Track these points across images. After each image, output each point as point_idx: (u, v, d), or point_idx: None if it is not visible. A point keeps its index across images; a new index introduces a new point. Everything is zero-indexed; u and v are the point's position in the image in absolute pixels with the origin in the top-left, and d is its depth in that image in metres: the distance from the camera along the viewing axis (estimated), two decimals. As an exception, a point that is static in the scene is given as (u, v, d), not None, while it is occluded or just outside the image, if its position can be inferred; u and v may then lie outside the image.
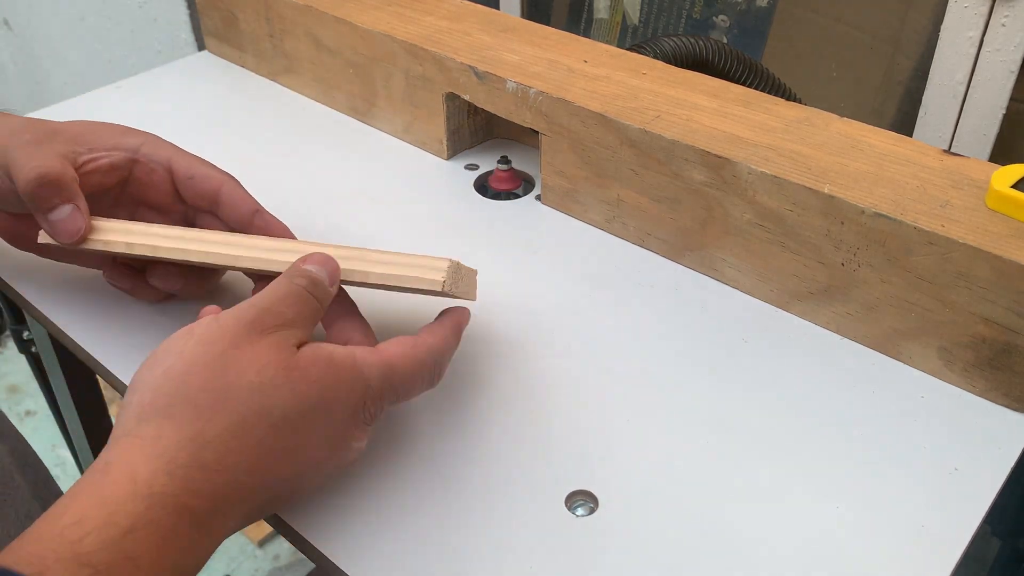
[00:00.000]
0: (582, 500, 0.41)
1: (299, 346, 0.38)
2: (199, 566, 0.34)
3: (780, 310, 0.52)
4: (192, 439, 0.34)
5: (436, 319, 0.44)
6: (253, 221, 0.49)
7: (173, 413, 0.35)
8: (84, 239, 0.46)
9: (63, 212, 0.46)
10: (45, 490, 0.54)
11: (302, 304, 0.40)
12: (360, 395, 0.38)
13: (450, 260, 0.43)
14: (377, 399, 0.39)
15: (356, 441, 0.39)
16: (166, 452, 0.33)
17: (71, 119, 0.74)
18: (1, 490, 0.45)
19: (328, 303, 0.42)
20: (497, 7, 0.87)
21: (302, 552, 0.41)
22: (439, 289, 0.43)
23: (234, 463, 0.34)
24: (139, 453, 0.33)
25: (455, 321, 0.44)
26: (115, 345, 0.50)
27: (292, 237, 0.49)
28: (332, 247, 0.44)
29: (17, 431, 0.55)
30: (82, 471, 0.97)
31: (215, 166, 0.50)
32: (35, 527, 0.31)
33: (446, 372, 0.43)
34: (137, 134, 0.51)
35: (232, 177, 0.50)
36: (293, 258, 0.43)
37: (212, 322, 0.38)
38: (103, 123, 0.51)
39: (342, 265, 0.43)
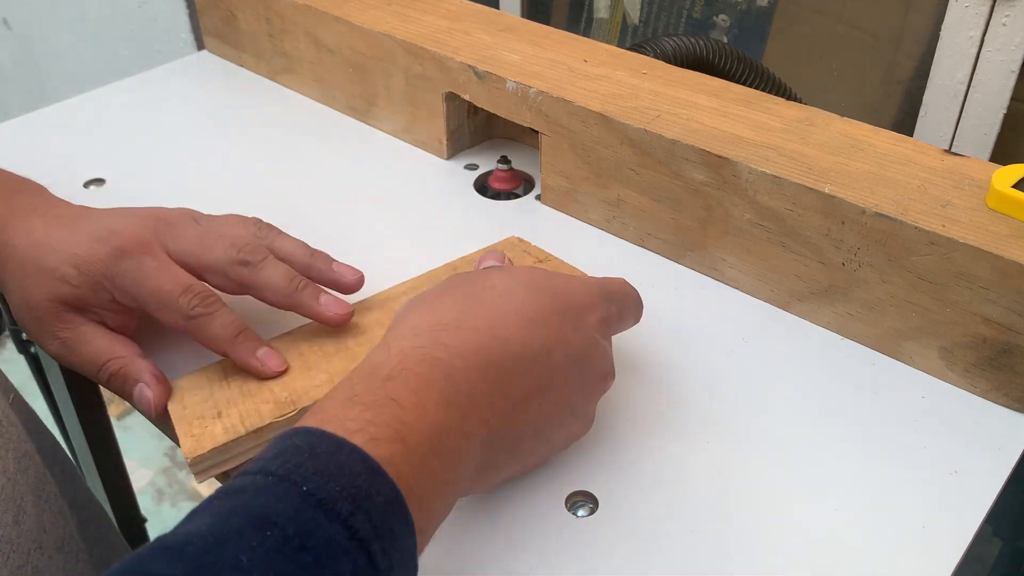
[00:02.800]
0: (582, 500, 0.41)
1: None
2: (465, 428, 0.35)
3: (780, 310, 0.52)
4: (432, 312, 0.39)
5: None
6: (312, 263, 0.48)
7: (417, 307, 0.40)
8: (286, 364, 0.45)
9: (264, 351, 0.44)
10: (72, 486, 0.54)
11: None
12: (603, 315, 0.42)
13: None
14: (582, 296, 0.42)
15: (590, 313, 0.41)
16: (415, 329, 0.38)
17: (71, 119, 0.74)
18: (37, 486, 0.45)
19: None
20: (497, 7, 0.87)
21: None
22: None
23: (472, 325, 0.38)
24: (391, 334, 0.39)
25: None
26: (114, 345, 0.50)
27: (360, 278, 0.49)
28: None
29: (47, 429, 0.55)
30: (81, 471, 0.97)
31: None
32: None
33: None
34: (153, 223, 0.47)
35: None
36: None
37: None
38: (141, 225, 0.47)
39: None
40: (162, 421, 0.44)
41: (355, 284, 0.48)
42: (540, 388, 0.38)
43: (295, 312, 0.46)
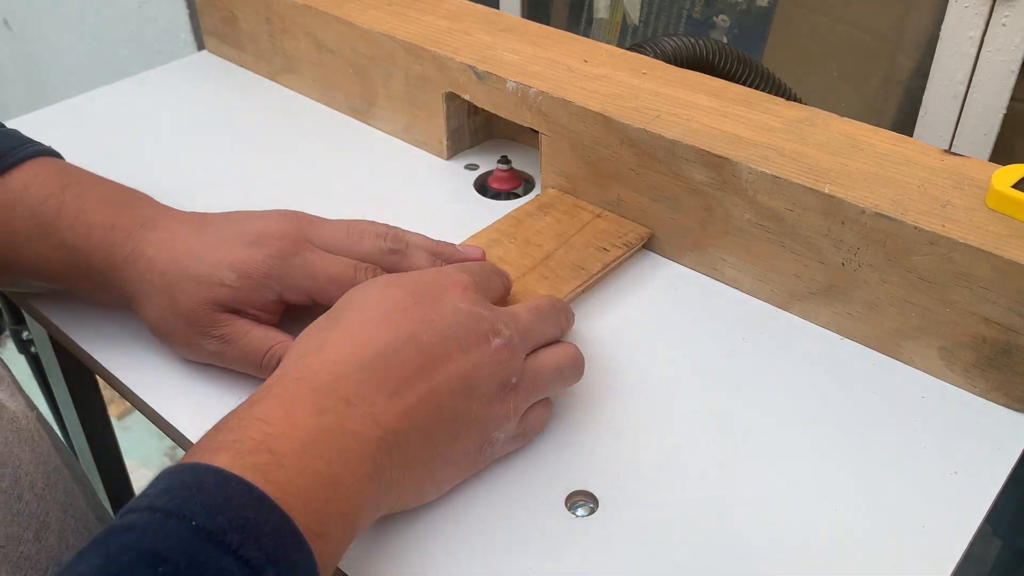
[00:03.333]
0: (582, 500, 0.41)
1: None
2: (347, 429, 0.35)
3: (780, 310, 0.52)
4: (296, 346, 0.40)
5: None
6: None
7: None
8: None
9: None
10: (94, 500, 0.54)
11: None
12: (462, 285, 0.43)
13: None
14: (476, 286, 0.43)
15: (446, 291, 0.42)
16: (282, 366, 0.39)
17: (71, 119, 0.74)
18: (65, 500, 0.45)
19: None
20: (497, 7, 0.87)
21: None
22: None
23: (332, 342, 0.39)
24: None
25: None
26: (115, 345, 0.50)
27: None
28: None
29: (66, 445, 0.56)
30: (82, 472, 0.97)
31: None
32: None
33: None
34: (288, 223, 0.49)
35: None
36: None
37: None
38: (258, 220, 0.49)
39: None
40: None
41: (482, 257, 0.53)
42: (421, 369, 0.38)
43: None
